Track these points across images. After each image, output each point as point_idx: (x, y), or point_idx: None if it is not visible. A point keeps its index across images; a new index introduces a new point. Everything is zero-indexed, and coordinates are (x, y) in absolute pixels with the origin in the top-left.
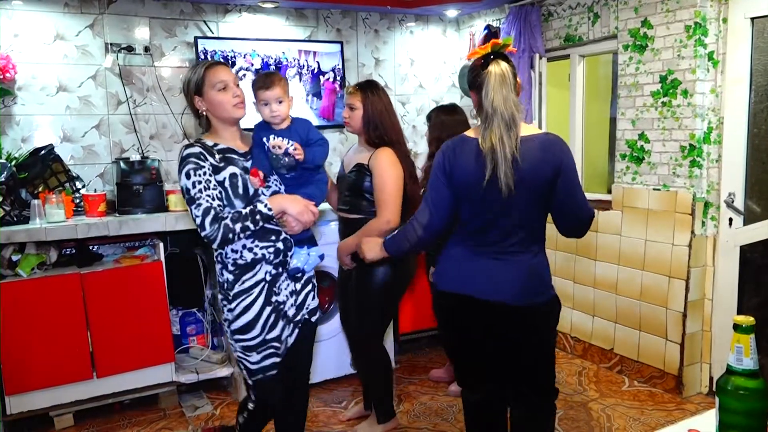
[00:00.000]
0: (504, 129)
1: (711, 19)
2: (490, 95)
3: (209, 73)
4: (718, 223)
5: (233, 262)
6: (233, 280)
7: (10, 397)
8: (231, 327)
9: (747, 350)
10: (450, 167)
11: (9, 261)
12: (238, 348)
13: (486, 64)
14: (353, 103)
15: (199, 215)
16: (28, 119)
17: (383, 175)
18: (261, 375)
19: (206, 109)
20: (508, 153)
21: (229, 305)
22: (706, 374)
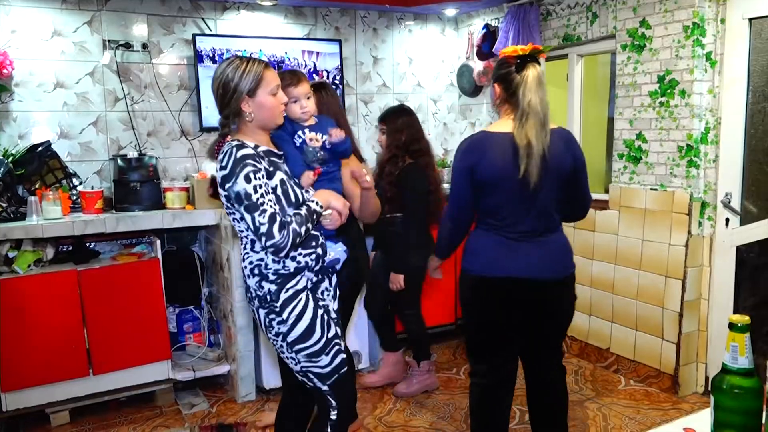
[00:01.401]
0: (539, 127)
1: (709, 19)
2: (528, 96)
3: (268, 74)
4: (714, 223)
5: (274, 272)
6: (276, 289)
7: (6, 394)
8: (287, 339)
9: (742, 349)
10: (474, 162)
11: (5, 258)
12: (302, 358)
13: (522, 65)
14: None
15: (266, 222)
16: (26, 116)
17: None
18: (336, 375)
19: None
20: (540, 148)
21: (279, 317)
22: (702, 374)
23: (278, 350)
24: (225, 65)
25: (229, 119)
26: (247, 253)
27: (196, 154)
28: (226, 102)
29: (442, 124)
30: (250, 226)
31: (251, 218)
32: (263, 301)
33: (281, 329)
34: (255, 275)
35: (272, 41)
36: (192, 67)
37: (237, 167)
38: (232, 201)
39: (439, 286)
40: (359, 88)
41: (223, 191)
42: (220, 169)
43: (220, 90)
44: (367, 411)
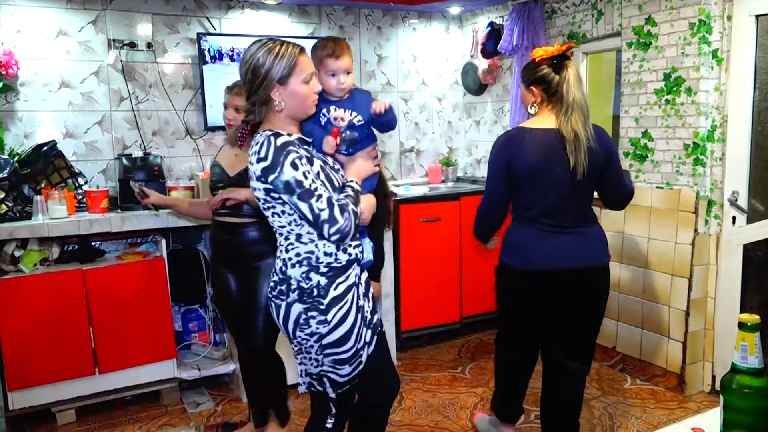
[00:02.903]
0: (584, 120)
1: (715, 16)
2: (572, 91)
3: (302, 60)
4: (721, 222)
5: (326, 264)
6: (327, 283)
7: (13, 392)
8: (323, 341)
9: (752, 349)
10: (510, 158)
11: (11, 257)
12: (326, 363)
13: (560, 65)
14: (239, 104)
15: (325, 208)
16: (31, 115)
17: None
18: (348, 386)
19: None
20: (586, 140)
21: (322, 315)
22: (709, 373)
23: (302, 349)
24: (256, 48)
25: (256, 107)
26: (292, 244)
27: (200, 153)
28: (254, 88)
29: (446, 123)
30: (307, 215)
31: (308, 206)
32: (307, 295)
33: (319, 329)
34: (302, 265)
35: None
36: (197, 66)
37: (280, 156)
38: (280, 192)
39: (443, 286)
40: (363, 87)
41: (262, 184)
42: (257, 161)
43: (249, 75)
44: None
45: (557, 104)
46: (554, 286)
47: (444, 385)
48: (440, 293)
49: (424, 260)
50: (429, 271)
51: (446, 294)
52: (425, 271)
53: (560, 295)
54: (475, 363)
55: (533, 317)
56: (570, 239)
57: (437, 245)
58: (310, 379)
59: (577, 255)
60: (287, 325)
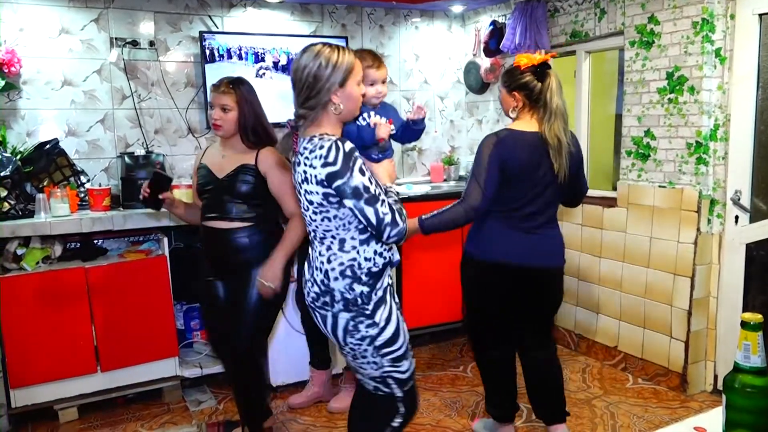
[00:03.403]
0: (563, 125)
1: (718, 15)
2: (555, 99)
3: (356, 63)
4: (724, 221)
5: (367, 272)
6: (368, 291)
7: (15, 390)
8: (375, 343)
9: (755, 348)
10: (505, 158)
11: (14, 255)
12: (386, 363)
13: (543, 73)
14: (227, 103)
15: (388, 212)
16: (33, 113)
17: (285, 174)
18: (412, 381)
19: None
20: (567, 146)
21: (369, 319)
22: (711, 372)
23: (357, 355)
24: (313, 54)
25: (314, 111)
26: (334, 254)
27: None
28: (315, 93)
29: (449, 122)
30: (371, 219)
31: (374, 210)
32: (352, 304)
33: (370, 332)
34: (346, 277)
35: (279, 38)
36: (199, 65)
37: (349, 161)
38: (346, 196)
39: (445, 285)
40: None
41: (322, 188)
42: (323, 166)
43: (309, 79)
44: None
45: (539, 110)
46: (523, 280)
47: (446, 384)
48: (442, 292)
49: (425, 259)
50: (430, 270)
51: (448, 293)
52: (427, 269)
53: (529, 289)
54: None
55: (509, 308)
56: (538, 239)
57: (439, 244)
58: (375, 383)
59: (544, 254)
60: (336, 333)
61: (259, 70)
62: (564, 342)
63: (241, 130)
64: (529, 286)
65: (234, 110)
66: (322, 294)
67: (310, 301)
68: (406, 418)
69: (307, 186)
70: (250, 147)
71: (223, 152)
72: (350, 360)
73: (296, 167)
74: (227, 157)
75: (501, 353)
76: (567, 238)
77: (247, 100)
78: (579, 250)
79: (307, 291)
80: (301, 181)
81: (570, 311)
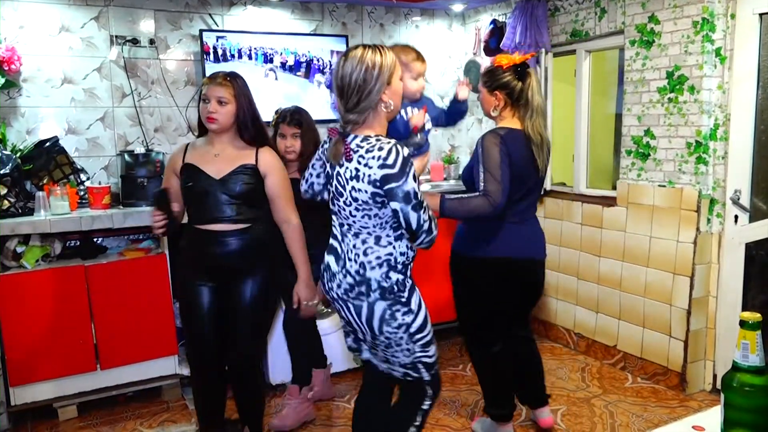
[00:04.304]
0: (544, 123)
1: (719, 14)
2: (536, 97)
3: (396, 59)
4: (723, 220)
5: (402, 262)
6: (403, 279)
7: (15, 388)
8: (410, 330)
9: (753, 347)
10: (510, 154)
11: (14, 253)
12: (417, 349)
13: (523, 72)
14: (224, 95)
15: (428, 219)
16: (33, 111)
17: (285, 177)
18: (437, 363)
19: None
20: (548, 142)
21: (406, 307)
22: (710, 371)
23: (392, 343)
24: (357, 60)
25: (365, 113)
26: (370, 248)
27: None
28: (365, 96)
29: None
30: (412, 224)
31: (417, 216)
32: (389, 292)
33: (406, 319)
34: (382, 266)
35: (279, 37)
36: (199, 63)
37: (406, 167)
38: (396, 199)
39: (445, 285)
40: None
41: (372, 188)
42: (380, 167)
43: (359, 82)
44: None
45: (520, 109)
46: (525, 273)
47: (445, 383)
48: (441, 291)
49: (426, 258)
50: (430, 269)
51: (448, 292)
52: (427, 269)
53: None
54: None
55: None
56: (531, 231)
57: (439, 243)
58: (405, 370)
59: (539, 247)
60: (372, 323)
61: (267, 70)
62: (563, 341)
63: (238, 125)
64: (527, 277)
65: (231, 103)
66: (357, 284)
67: (341, 294)
68: (433, 400)
69: (355, 183)
70: (248, 143)
71: (214, 151)
72: (382, 349)
73: (340, 165)
74: (222, 157)
75: (503, 347)
76: (566, 238)
77: (244, 94)
78: (578, 249)
79: (337, 283)
80: (348, 177)
81: (569, 310)
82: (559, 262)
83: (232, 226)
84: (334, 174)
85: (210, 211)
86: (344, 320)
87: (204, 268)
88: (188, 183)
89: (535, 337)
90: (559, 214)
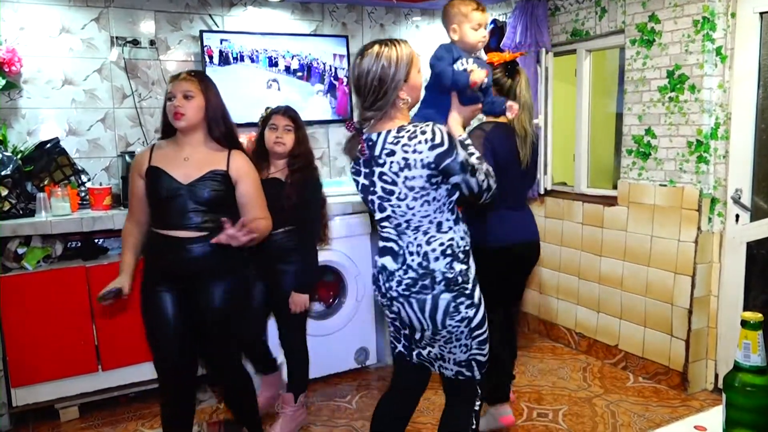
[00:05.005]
0: (530, 118)
1: (719, 13)
2: (524, 93)
3: (413, 52)
4: (724, 220)
5: (463, 250)
6: (466, 269)
7: (16, 389)
8: (471, 324)
9: (755, 347)
10: (496, 148)
11: (15, 254)
12: (474, 345)
13: (513, 69)
14: (189, 89)
15: (485, 177)
16: (34, 112)
17: (257, 182)
18: (488, 363)
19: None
20: (533, 136)
21: (469, 299)
22: (712, 371)
23: (452, 338)
24: (374, 57)
25: (383, 110)
26: (433, 236)
27: None
28: (382, 94)
29: None
30: (473, 188)
31: (476, 180)
32: (453, 283)
33: (469, 313)
34: (447, 256)
35: (279, 37)
36: (199, 64)
37: (453, 140)
38: (454, 172)
39: None
40: None
41: (426, 170)
42: (431, 149)
43: (375, 83)
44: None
45: None
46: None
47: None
48: None
49: None
50: None
51: None
52: None
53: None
54: None
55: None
56: (524, 217)
57: None
58: (459, 368)
59: (530, 229)
60: (435, 316)
61: (269, 81)
62: (565, 341)
63: (208, 122)
64: (524, 260)
65: (198, 97)
66: (421, 278)
67: (401, 291)
68: (482, 400)
69: (407, 172)
70: (219, 144)
71: (183, 154)
72: (440, 345)
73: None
74: (191, 161)
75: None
76: (567, 237)
77: (211, 89)
78: (579, 248)
79: (397, 281)
80: (398, 170)
81: (571, 310)
82: (560, 261)
83: (198, 233)
84: (375, 179)
85: (175, 216)
86: (397, 322)
87: (168, 274)
88: (153, 187)
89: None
90: (560, 214)
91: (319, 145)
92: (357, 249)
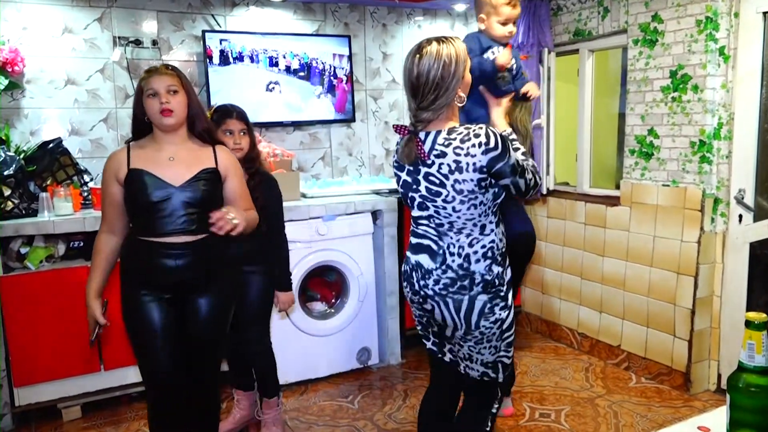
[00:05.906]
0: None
1: (722, 13)
2: None
3: (466, 50)
4: (727, 220)
5: (501, 252)
6: (502, 271)
7: (19, 389)
8: (503, 326)
9: (759, 347)
10: None
11: (17, 254)
12: (503, 347)
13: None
14: (173, 83)
15: (532, 176)
16: (37, 112)
17: (243, 176)
18: (511, 367)
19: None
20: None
21: (504, 301)
22: (714, 371)
23: (484, 339)
24: (434, 56)
25: (441, 108)
26: (476, 239)
27: None
28: (443, 92)
29: None
30: (522, 189)
31: (524, 181)
32: (490, 285)
33: (502, 315)
34: (487, 258)
35: (281, 37)
36: (201, 64)
37: (506, 143)
38: (506, 175)
39: None
40: (368, 84)
41: (477, 174)
42: (484, 153)
43: (437, 81)
44: (376, 407)
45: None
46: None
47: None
48: None
49: None
50: None
51: None
52: None
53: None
54: None
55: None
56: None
57: None
58: (485, 369)
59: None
60: (470, 316)
61: (269, 84)
62: (567, 341)
63: (191, 118)
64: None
65: (181, 92)
66: (460, 278)
67: (438, 290)
68: (500, 403)
69: (458, 175)
70: (201, 140)
71: (167, 154)
72: (470, 346)
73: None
74: (178, 160)
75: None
76: (570, 237)
77: (189, 83)
78: (582, 249)
79: (434, 280)
80: (447, 173)
81: (573, 310)
82: (563, 261)
83: (188, 238)
84: (419, 178)
85: (164, 221)
86: (424, 320)
87: (155, 283)
88: (140, 192)
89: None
90: (563, 214)
91: (322, 145)
92: (359, 249)
